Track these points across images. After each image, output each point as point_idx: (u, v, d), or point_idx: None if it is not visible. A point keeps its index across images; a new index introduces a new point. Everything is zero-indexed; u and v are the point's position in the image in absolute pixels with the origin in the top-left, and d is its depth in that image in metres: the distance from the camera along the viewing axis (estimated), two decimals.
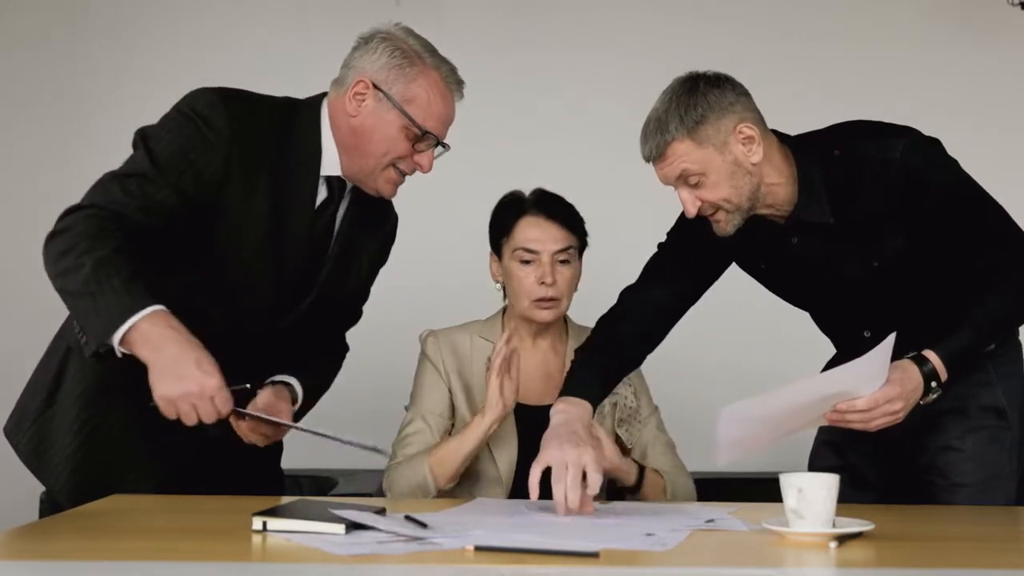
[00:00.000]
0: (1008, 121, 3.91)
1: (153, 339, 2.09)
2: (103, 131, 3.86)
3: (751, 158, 2.29)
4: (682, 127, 2.27)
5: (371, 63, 2.31)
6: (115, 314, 2.09)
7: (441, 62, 2.33)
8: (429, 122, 2.29)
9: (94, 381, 2.35)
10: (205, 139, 2.24)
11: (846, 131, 2.40)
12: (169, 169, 2.23)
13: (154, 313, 2.10)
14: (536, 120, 3.86)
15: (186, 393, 2.09)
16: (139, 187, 2.22)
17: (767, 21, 3.92)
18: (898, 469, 2.47)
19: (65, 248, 2.15)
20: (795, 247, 2.40)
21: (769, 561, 1.81)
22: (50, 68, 3.88)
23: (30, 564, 1.73)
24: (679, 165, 2.29)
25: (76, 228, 2.16)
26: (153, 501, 2.26)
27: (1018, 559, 1.93)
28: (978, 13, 3.88)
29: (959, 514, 2.27)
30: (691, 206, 2.32)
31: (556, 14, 3.94)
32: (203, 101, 2.28)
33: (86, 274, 2.11)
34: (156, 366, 2.09)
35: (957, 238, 2.32)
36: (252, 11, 3.91)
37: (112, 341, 2.10)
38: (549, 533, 1.92)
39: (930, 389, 2.20)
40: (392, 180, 2.35)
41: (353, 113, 2.30)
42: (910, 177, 2.28)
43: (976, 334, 2.26)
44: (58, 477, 2.36)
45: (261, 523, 1.88)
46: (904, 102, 3.86)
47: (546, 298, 2.60)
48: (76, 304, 2.16)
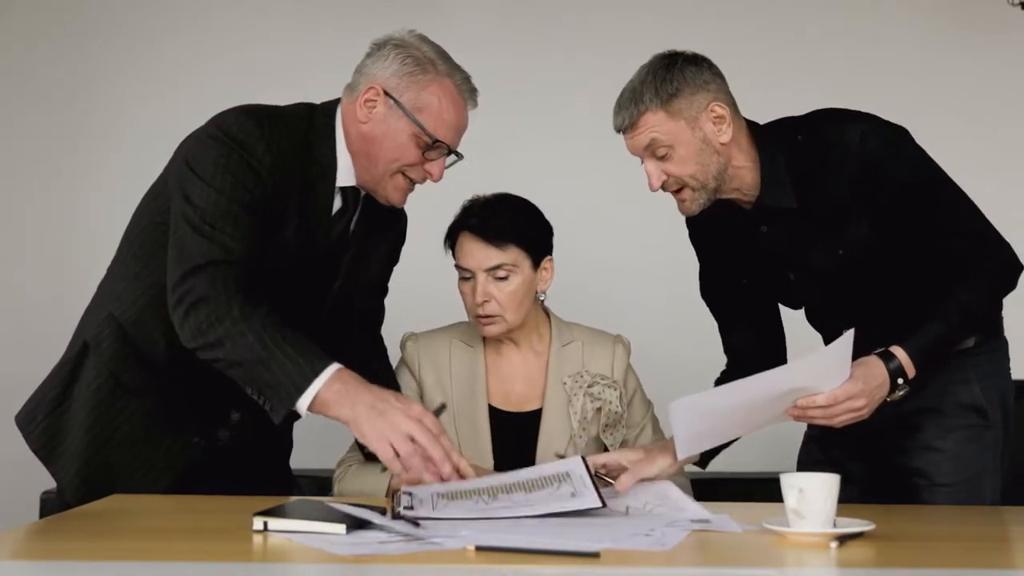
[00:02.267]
0: (1008, 121, 3.91)
1: (343, 398, 2.07)
2: (103, 131, 3.87)
3: (720, 137, 2.32)
4: (656, 98, 2.30)
5: (382, 69, 2.29)
6: (298, 381, 2.07)
7: (455, 70, 2.31)
8: (440, 130, 2.28)
9: (109, 379, 2.35)
10: (251, 167, 2.22)
11: (810, 117, 2.42)
12: (241, 199, 2.20)
13: (335, 373, 2.08)
14: (535, 121, 3.85)
15: (395, 425, 2.05)
16: (233, 226, 2.18)
17: (767, 21, 3.92)
18: (880, 464, 2.47)
19: (214, 317, 2.11)
20: (764, 236, 2.41)
21: (770, 561, 1.81)
22: (50, 68, 3.87)
23: (30, 564, 1.73)
24: (649, 134, 2.31)
25: (215, 292, 2.12)
26: (153, 501, 2.26)
27: (1020, 559, 1.93)
28: (978, 13, 3.88)
29: (960, 514, 2.27)
30: (655, 179, 2.33)
31: (555, 15, 3.94)
32: (238, 126, 2.25)
33: (251, 343, 2.08)
34: (358, 419, 2.07)
35: (919, 227, 2.32)
36: (252, 11, 3.91)
37: (299, 409, 2.09)
38: (549, 533, 1.92)
39: (897, 386, 2.21)
40: (401, 188, 2.33)
41: (364, 120, 2.29)
42: (868, 163, 2.29)
43: (945, 328, 2.26)
44: (67, 472, 2.36)
45: (262, 523, 1.88)
46: (904, 102, 3.84)
47: (483, 315, 2.58)
48: (247, 373, 2.11)
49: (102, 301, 2.43)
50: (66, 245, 3.85)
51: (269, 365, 2.08)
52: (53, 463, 2.39)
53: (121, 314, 2.36)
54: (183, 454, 2.36)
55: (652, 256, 3.76)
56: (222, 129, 2.25)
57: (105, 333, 2.36)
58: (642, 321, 3.31)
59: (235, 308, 2.11)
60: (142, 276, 2.36)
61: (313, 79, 3.88)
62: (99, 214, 3.82)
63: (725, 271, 2.54)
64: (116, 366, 2.34)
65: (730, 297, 2.56)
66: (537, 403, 2.62)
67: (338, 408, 2.07)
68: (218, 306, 2.12)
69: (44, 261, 3.85)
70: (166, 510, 2.17)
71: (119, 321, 2.36)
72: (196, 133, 2.31)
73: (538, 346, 2.67)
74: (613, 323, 2.80)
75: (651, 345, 2.96)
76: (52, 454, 2.38)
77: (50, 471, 2.41)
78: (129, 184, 3.82)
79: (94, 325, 2.39)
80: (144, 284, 2.35)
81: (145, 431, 2.34)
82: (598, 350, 2.67)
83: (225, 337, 2.11)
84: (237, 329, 2.10)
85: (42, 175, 3.87)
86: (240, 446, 2.41)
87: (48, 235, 3.87)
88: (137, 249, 2.39)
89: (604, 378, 2.63)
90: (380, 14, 3.79)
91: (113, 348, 2.35)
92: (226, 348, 2.11)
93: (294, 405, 2.09)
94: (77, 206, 3.86)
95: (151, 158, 3.77)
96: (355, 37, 4.01)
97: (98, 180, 3.85)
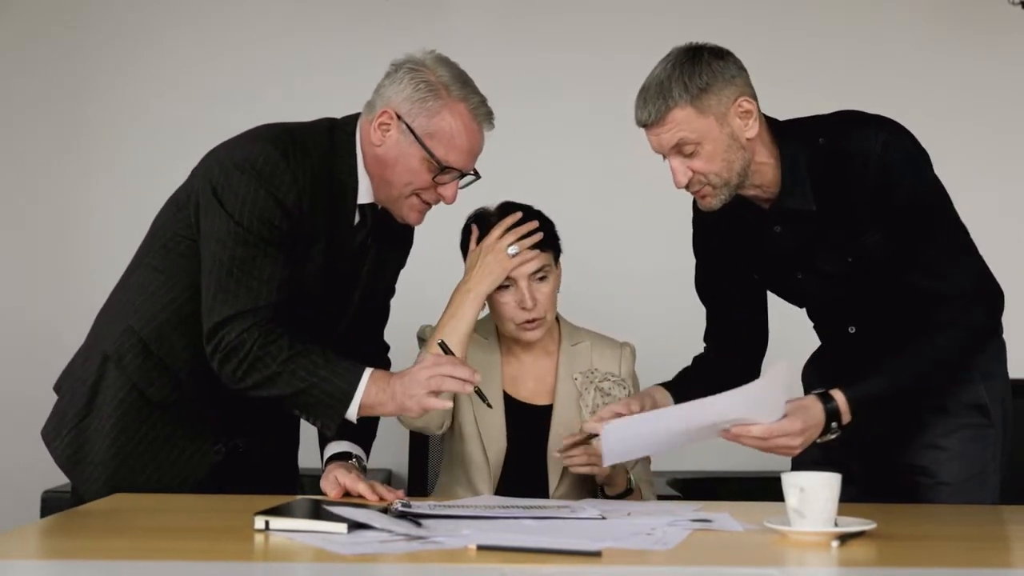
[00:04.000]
0: (1008, 120, 3.91)
1: (383, 396, 2.24)
2: (103, 131, 3.86)
3: (747, 133, 2.28)
4: (686, 94, 2.23)
5: (396, 93, 2.30)
6: (341, 398, 2.24)
7: (470, 94, 2.31)
8: (451, 156, 2.29)
9: (132, 391, 2.37)
10: (277, 201, 2.26)
11: (832, 120, 2.39)
12: (268, 237, 2.26)
13: (370, 378, 2.24)
14: (532, 123, 3.85)
15: (420, 383, 2.21)
16: (261, 270, 2.26)
17: (767, 21, 3.92)
18: (881, 465, 2.47)
19: (248, 366, 2.24)
20: (778, 236, 2.40)
21: (771, 560, 1.81)
22: (50, 68, 3.87)
23: (30, 564, 1.73)
24: (677, 133, 2.26)
25: (242, 342, 2.24)
26: (154, 500, 2.26)
27: (1020, 558, 1.93)
28: (978, 13, 3.87)
29: (961, 513, 2.27)
30: (682, 176, 2.29)
31: (555, 14, 3.93)
32: (264, 157, 2.28)
33: (287, 380, 2.23)
34: (401, 407, 2.25)
35: (906, 253, 2.30)
36: (252, 11, 3.90)
37: (350, 417, 2.25)
38: (551, 532, 1.92)
39: (829, 429, 2.20)
40: (416, 208, 2.36)
41: (378, 143, 2.31)
42: (886, 173, 2.27)
43: (891, 387, 2.24)
44: (94, 483, 2.37)
45: (263, 522, 1.88)
46: (904, 102, 3.84)
47: (529, 320, 2.59)
48: (292, 403, 2.27)
49: (120, 313, 2.43)
50: (66, 245, 3.84)
51: (310, 392, 2.23)
52: (78, 474, 2.40)
53: (142, 328, 2.38)
54: (204, 462, 2.40)
55: (652, 257, 3.75)
56: (249, 162, 2.28)
57: (127, 347, 2.38)
58: (645, 327, 3.31)
59: (263, 353, 2.23)
60: (163, 290, 2.38)
61: (312, 79, 3.91)
62: (99, 214, 3.82)
63: (729, 268, 2.52)
64: (140, 379, 2.37)
65: (729, 292, 2.54)
66: (548, 398, 2.66)
67: (382, 408, 2.26)
68: (247, 354, 2.24)
69: (44, 261, 3.85)
70: (168, 509, 2.17)
71: (140, 335, 2.38)
72: (223, 158, 2.33)
73: (549, 346, 2.70)
74: (615, 331, 2.82)
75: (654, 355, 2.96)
76: (77, 466, 2.39)
77: (75, 482, 2.42)
78: (129, 184, 3.86)
79: (112, 338, 2.40)
80: (165, 299, 2.38)
81: (168, 440, 2.38)
82: (606, 352, 2.71)
83: (262, 381, 2.24)
84: (270, 371, 2.23)
85: (42, 175, 3.86)
86: (254, 448, 2.45)
87: (48, 235, 3.86)
88: (159, 262, 2.40)
89: (613, 375, 2.67)
90: (381, 14, 3.80)
91: (136, 363, 2.37)
92: (266, 389, 2.25)
93: (342, 419, 2.25)
94: (77, 206, 3.85)
95: (151, 158, 3.82)
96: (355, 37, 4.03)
97: (98, 180, 3.84)
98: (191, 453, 2.39)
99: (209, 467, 2.39)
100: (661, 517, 2.06)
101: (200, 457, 2.39)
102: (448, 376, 2.21)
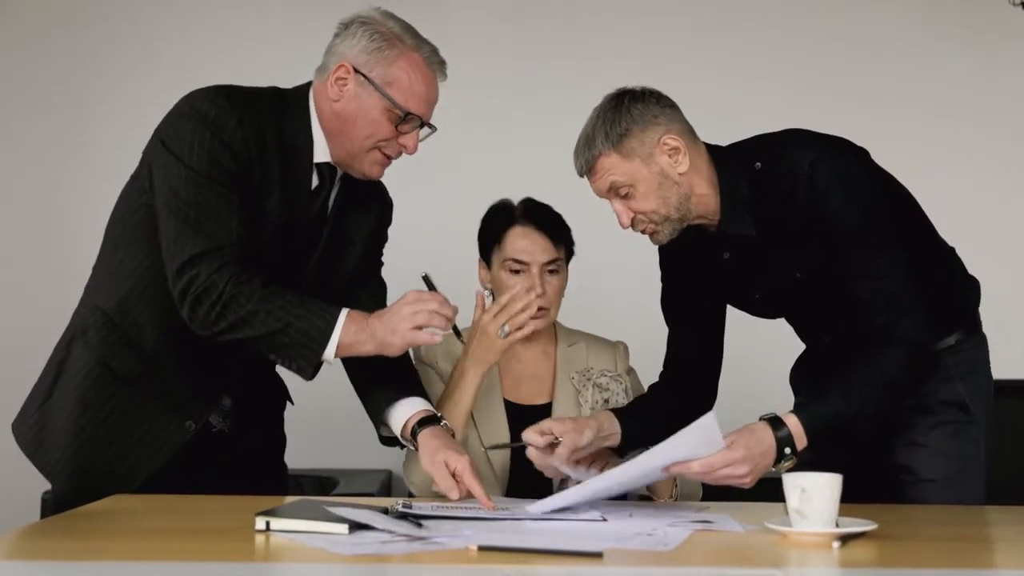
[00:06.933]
0: (1008, 120, 3.91)
1: (362, 335, 2.22)
2: (102, 131, 3.86)
3: (678, 168, 2.33)
4: (607, 142, 2.32)
5: (351, 47, 2.31)
6: (318, 337, 2.21)
7: (422, 43, 2.33)
8: (411, 103, 2.30)
9: (97, 365, 2.34)
10: (223, 142, 2.25)
11: (772, 142, 2.41)
12: (219, 178, 2.25)
13: (347, 317, 2.22)
14: (531, 123, 3.85)
15: (404, 318, 2.20)
16: (217, 210, 2.24)
17: (767, 22, 3.92)
18: (866, 465, 2.46)
19: (221, 307, 2.20)
20: (727, 262, 2.43)
21: (772, 561, 1.81)
22: (50, 68, 3.87)
23: (30, 564, 1.73)
24: (608, 178, 2.34)
25: (213, 281, 2.20)
26: (154, 501, 2.26)
27: (1021, 559, 1.93)
28: (978, 13, 3.88)
29: (962, 514, 2.27)
30: (625, 217, 2.37)
31: (555, 15, 3.94)
32: (209, 102, 2.28)
33: (263, 319, 2.20)
34: (382, 345, 2.22)
35: (840, 265, 2.30)
36: (251, 10, 3.91)
37: (326, 359, 2.23)
38: (552, 533, 1.92)
39: (783, 456, 2.16)
40: (378, 162, 2.36)
41: (335, 98, 2.32)
42: (811, 191, 2.29)
43: (845, 406, 2.23)
44: (56, 458, 2.33)
45: (264, 523, 1.88)
46: (904, 102, 3.86)
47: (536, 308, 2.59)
48: (267, 344, 2.23)
49: (87, 297, 2.43)
50: (66, 245, 3.84)
51: (286, 331, 2.20)
52: (41, 456, 2.36)
53: (106, 303, 2.36)
54: (175, 438, 2.34)
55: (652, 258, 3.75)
56: (194, 107, 2.29)
57: (91, 322, 2.35)
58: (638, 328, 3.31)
59: (236, 292, 2.20)
60: (124, 263, 2.36)
61: (311, 76, 3.90)
62: (99, 214, 3.79)
63: (691, 292, 2.54)
64: (104, 353, 2.33)
65: (691, 315, 2.55)
66: (546, 398, 2.69)
67: (361, 347, 2.23)
68: (220, 295, 2.20)
69: (44, 263, 3.85)
70: (167, 510, 2.17)
71: (103, 309, 2.35)
72: (169, 113, 2.34)
73: (547, 346, 2.75)
74: (607, 331, 2.82)
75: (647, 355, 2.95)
76: (40, 447, 2.36)
77: (38, 465, 2.37)
78: None
79: (80, 319, 2.39)
80: (125, 271, 2.35)
81: (136, 415, 2.33)
82: (601, 351, 2.76)
83: (237, 322, 2.20)
84: (244, 311, 2.20)
85: (42, 175, 3.86)
86: (234, 438, 2.41)
87: (48, 235, 3.86)
88: (117, 238, 2.40)
89: (610, 372, 2.71)
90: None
91: (100, 336, 2.34)
92: (241, 330, 2.21)
93: (320, 359, 2.22)
94: (77, 206, 3.85)
95: None
96: None
97: (98, 180, 3.82)
98: (159, 429, 2.33)
99: (179, 446, 2.33)
100: (662, 518, 2.06)
101: (169, 435, 2.33)
102: (435, 312, 2.21)
